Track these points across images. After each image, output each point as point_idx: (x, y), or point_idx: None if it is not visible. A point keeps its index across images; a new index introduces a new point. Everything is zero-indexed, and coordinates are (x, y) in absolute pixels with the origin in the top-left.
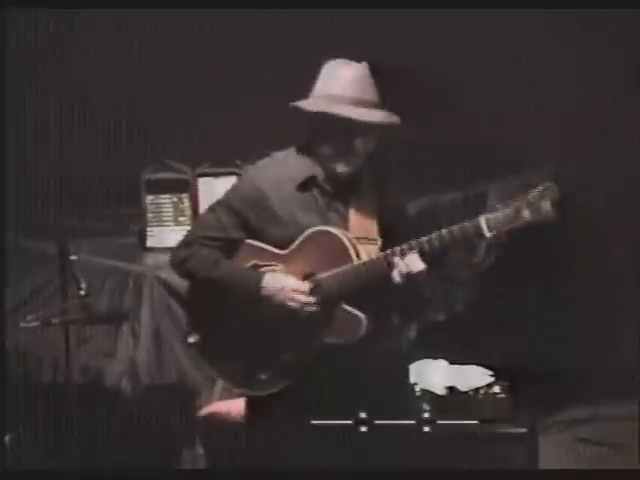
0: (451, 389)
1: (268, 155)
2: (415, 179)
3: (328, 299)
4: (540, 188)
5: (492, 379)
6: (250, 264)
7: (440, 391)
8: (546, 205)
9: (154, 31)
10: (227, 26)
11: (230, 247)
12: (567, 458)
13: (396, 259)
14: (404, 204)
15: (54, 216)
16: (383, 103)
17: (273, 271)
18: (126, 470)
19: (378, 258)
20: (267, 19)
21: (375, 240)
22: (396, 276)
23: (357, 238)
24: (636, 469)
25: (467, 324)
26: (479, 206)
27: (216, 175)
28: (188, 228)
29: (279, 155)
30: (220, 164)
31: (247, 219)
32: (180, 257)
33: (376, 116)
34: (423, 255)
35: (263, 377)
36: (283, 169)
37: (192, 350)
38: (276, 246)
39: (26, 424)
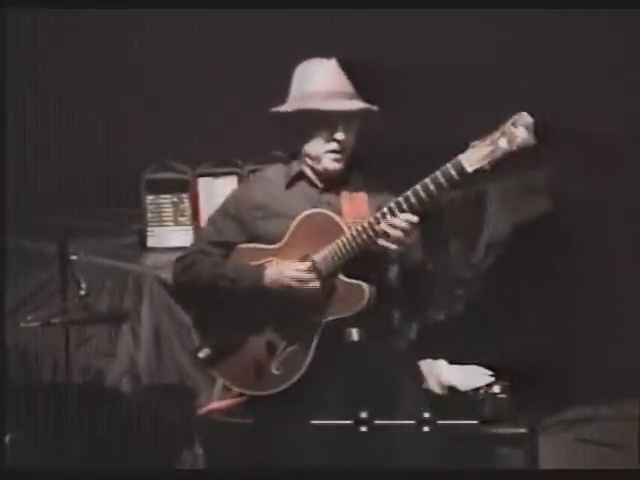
0: (451, 389)
1: (269, 156)
2: (415, 179)
3: (326, 274)
4: (512, 118)
5: (492, 379)
6: None
7: (440, 391)
8: (521, 131)
9: (154, 31)
10: (227, 26)
11: (230, 252)
12: (567, 458)
13: (387, 220)
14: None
15: (54, 216)
16: (358, 94)
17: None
18: (126, 470)
19: (369, 222)
20: (268, 19)
21: None
22: (389, 240)
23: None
24: (636, 469)
25: (467, 324)
26: (479, 205)
27: (216, 175)
28: (188, 228)
29: (269, 169)
30: (220, 164)
31: (244, 222)
32: (185, 263)
33: (351, 105)
34: (413, 211)
35: (275, 372)
36: (274, 178)
37: (202, 365)
38: (272, 243)
39: (26, 424)
